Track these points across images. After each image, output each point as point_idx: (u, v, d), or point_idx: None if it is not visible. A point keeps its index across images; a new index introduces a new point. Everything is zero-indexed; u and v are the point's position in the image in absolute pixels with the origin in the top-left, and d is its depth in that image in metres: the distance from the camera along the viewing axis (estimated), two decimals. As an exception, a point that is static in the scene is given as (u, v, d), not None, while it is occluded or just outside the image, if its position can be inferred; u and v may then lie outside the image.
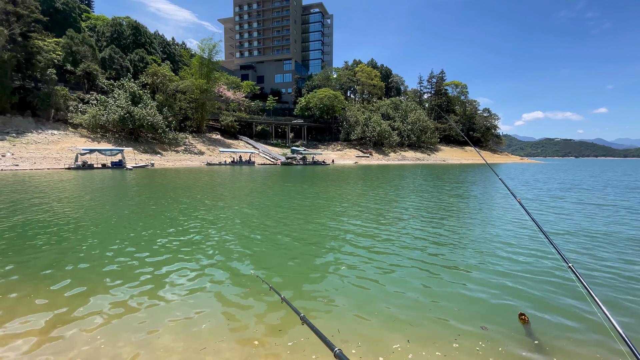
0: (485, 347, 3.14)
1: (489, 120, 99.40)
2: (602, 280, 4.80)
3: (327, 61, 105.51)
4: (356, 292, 4.38)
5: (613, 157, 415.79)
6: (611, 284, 4.67)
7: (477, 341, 3.23)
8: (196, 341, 3.16)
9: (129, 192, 14.34)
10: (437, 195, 14.72)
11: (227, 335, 3.29)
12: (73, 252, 5.78)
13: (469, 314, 3.79)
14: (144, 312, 3.73)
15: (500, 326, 3.52)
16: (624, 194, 15.57)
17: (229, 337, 3.24)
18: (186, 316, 3.64)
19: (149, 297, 4.10)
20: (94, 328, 3.37)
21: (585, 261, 5.62)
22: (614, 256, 5.88)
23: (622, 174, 32.07)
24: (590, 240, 6.92)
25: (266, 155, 56.17)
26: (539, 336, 3.37)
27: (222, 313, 3.74)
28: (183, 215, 9.22)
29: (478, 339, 3.28)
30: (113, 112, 42.62)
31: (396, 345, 3.15)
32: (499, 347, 3.14)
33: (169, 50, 69.51)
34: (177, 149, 48.04)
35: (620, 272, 5.09)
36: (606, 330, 3.34)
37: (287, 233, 7.38)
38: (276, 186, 17.99)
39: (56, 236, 6.85)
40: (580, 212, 10.46)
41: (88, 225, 7.87)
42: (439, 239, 6.97)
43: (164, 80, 51.72)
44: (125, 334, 3.27)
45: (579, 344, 3.23)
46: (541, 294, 4.34)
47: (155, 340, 3.18)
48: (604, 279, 4.85)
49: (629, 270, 5.19)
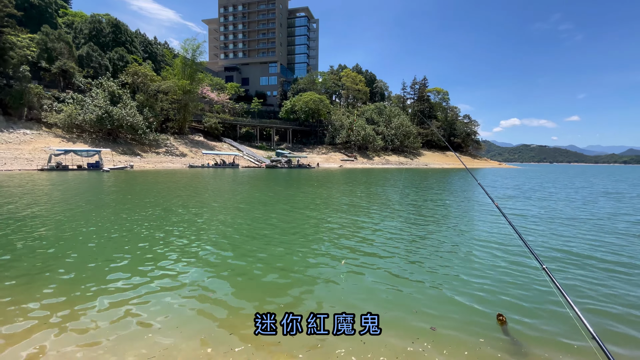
0: (463, 347, 3.21)
1: (469, 126, 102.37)
2: (575, 281, 5.02)
3: (313, 65, 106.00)
4: (327, 291, 4.39)
5: (585, 163, 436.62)
6: (585, 285, 4.89)
7: (454, 342, 3.30)
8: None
9: (103, 196, 13.84)
10: (419, 197, 14.99)
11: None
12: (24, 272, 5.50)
13: (447, 314, 3.86)
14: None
15: (478, 327, 3.61)
16: (603, 201, 16.36)
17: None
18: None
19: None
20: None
21: (559, 262, 5.86)
22: (586, 255, 6.16)
23: (610, 181, 33.69)
24: (564, 242, 7.23)
25: (250, 157, 55.61)
26: (516, 336, 3.47)
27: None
28: (159, 230, 8.02)
29: (453, 339, 3.35)
30: (90, 111, 41.12)
31: (384, 344, 3.17)
32: (477, 348, 3.21)
33: (150, 49, 67.85)
34: (157, 151, 46.82)
35: (593, 274, 5.34)
36: (577, 328, 3.50)
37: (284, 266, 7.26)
38: (264, 192, 17.81)
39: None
40: (557, 217, 10.91)
41: (48, 235, 7.53)
42: (419, 241, 7.09)
43: (145, 80, 50.41)
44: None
45: (552, 342, 3.37)
46: (518, 295, 4.48)
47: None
48: (576, 279, 5.07)
49: (603, 270, 5.46)
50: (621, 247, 6.96)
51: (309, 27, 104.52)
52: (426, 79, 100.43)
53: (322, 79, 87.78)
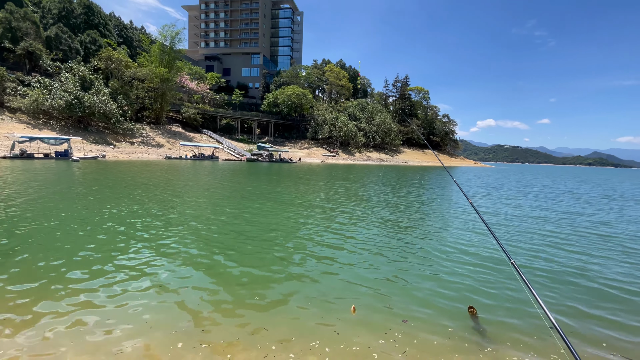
0: (432, 337, 3.31)
1: (447, 126, 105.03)
2: (541, 273, 5.29)
3: (296, 58, 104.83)
4: (302, 286, 4.40)
5: (553, 164, 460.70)
6: (549, 278, 5.16)
7: (424, 332, 3.39)
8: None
9: (70, 187, 13.16)
10: (396, 195, 15.27)
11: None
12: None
13: (420, 308, 3.96)
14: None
15: (449, 319, 3.74)
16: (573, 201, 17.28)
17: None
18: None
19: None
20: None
21: (527, 257, 6.14)
22: (552, 251, 6.50)
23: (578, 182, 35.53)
24: (531, 239, 7.59)
25: (231, 150, 54.55)
26: (486, 326, 3.63)
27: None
28: (124, 224, 7.64)
29: (423, 330, 3.44)
30: (59, 97, 38.75)
31: (355, 338, 3.19)
32: (447, 337, 3.32)
33: (126, 34, 64.62)
34: (132, 141, 44.94)
35: (557, 268, 5.63)
36: (541, 318, 3.70)
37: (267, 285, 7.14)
38: (243, 186, 17.52)
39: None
40: (525, 215, 11.43)
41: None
42: (394, 237, 7.22)
43: (119, 65, 48.01)
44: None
45: (517, 330, 3.56)
46: (489, 288, 4.67)
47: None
48: (542, 273, 5.34)
49: (566, 266, 5.78)
50: (581, 243, 7.40)
51: (294, 19, 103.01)
52: (408, 78, 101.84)
53: (306, 73, 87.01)
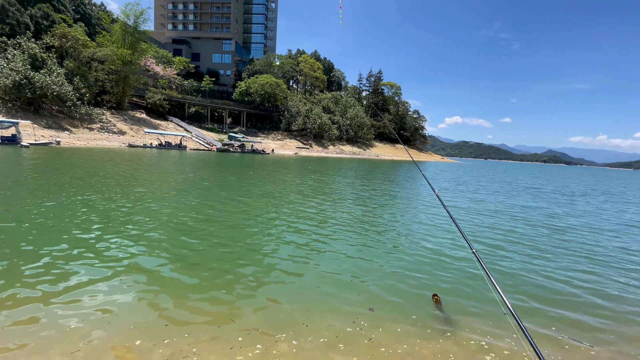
0: (397, 324, 3.41)
1: (417, 122, 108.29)
2: (500, 260, 5.62)
3: (270, 47, 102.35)
4: (275, 278, 4.37)
5: (513, 160, 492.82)
6: (507, 266, 5.50)
7: (389, 320, 3.49)
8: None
9: (16, 176, 12.05)
10: (367, 187, 15.55)
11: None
12: None
13: (386, 297, 4.07)
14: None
15: (413, 306, 3.88)
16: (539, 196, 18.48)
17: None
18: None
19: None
20: None
21: (488, 246, 6.50)
22: (509, 240, 6.94)
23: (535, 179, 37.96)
24: (491, 229, 8.04)
25: (200, 140, 52.54)
26: (448, 312, 3.81)
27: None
28: (76, 217, 7.36)
29: (388, 318, 3.53)
30: (5, 76, 35.05)
31: (323, 325, 3.21)
32: (410, 324, 3.45)
33: (83, 10, 59.44)
34: (91, 127, 41.83)
35: (515, 257, 6.02)
36: (498, 304, 3.94)
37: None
38: (212, 177, 16.96)
39: None
40: (486, 208, 12.09)
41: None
42: (362, 227, 7.35)
43: (75, 44, 44.16)
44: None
45: (477, 315, 3.78)
46: (452, 276, 4.89)
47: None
48: (501, 261, 5.68)
49: (523, 254, 6.19)
50: (536, 234, 7.98)
51: (267, 6, 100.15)
52: (381, 73, 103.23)
53: (280, 62, 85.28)
